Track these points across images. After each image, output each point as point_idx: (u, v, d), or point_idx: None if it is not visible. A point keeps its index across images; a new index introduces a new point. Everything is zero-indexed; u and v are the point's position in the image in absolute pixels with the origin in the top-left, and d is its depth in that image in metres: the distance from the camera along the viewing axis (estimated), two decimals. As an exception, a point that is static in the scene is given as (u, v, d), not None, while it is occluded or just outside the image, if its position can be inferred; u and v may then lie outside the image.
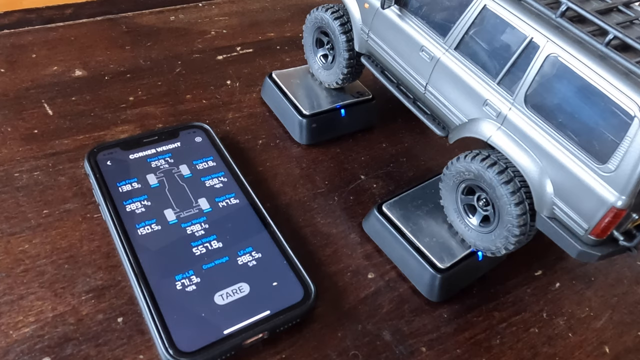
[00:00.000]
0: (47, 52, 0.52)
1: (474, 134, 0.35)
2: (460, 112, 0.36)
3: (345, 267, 0.40)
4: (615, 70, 0.29)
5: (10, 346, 0.32)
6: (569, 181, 0.31)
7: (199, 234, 0.37)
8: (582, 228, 0.31)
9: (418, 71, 0.38)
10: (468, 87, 0.35)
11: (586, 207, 0.30)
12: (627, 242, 0.31)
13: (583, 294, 0.42)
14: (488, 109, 0.34)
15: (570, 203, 0.31)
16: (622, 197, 0.29)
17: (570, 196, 0.31)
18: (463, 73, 0.35)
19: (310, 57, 0.50)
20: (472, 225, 0.37)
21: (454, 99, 0.36)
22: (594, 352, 0.38)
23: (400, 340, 0.36)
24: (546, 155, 0.31)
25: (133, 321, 0.34)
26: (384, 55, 0.41)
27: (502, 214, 0.34)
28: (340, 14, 0.45)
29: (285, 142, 0.48)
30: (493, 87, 0.34)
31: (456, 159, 0.36)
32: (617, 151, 0.28)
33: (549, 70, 0.31)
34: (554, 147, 0.31)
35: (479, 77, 0.34)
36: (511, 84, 0.33)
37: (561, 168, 0.31)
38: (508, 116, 0.33)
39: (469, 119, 0.36)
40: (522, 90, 0.32)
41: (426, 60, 0.37)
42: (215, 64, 0.55)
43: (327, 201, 0.44)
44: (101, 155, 0.40)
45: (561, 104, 0.31)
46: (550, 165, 0.31)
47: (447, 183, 0.38)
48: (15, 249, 0.36)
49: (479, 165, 0.34)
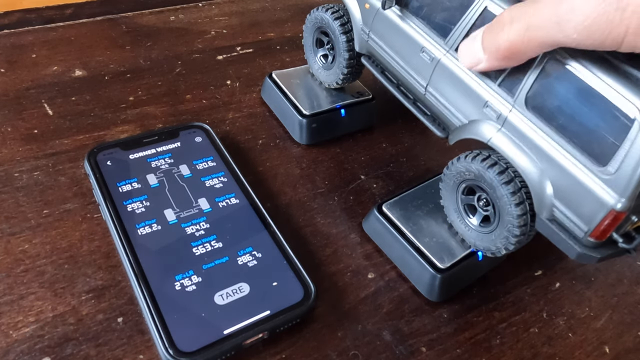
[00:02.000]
0: (47, 52, 0.52)
1: (474, 136, 0.35)
2: (460, 113, 0.36)
3: (345, 267, 0.40)
4: (616, 73, 0.29)
5: (10, 346, 0.32)
6: (568, 183, 0.31)
7: (199, 234, 0.37)
8: (581, 230, 0.31)
9: (418, 72, 0.38)
10: (468, 88, 0.35)
11: (586, 210, 0.30)
12: (626, 245, 0.31)
13: (583, 294, 0.42)
14: (488, 110, 0.34)
15: (570, 205, 0.31)
16: (621, 200, 0.29)
17: (570, 198, 0.31)
18: (463, 74, 0.35)
19: (310, 57, 0.50)
20: (473, 226, 0.37)
21: (454, 101, 0.36)
22: (594, 352, 0.38)
23: (400, 340, 0.36)
24: (546, 158, 0.31)
25: (133, 321, 0.34)
26: (384, 56, 0.41)
27: (503, 214, 0.34)
28: (340, 14, 0.45)
29: (285, 142, 0.48)
30: (493, 89, 0.34)
31: (456, 159, 0.36)
32: (617, 154, 0.28)
33: (550, 73, 0.31)
34: (554, 149, 0.31)
35: (480, 78, 0.34)
36: (512, 86, 0.33)
37: (561, 170, 0.31)
38: (508, 118, 0.33)
39: (469, 120, 0.36)
40: (523, 93, 0.32)
41: (427, 61, 0.37)
42: (215, 64, 0.55)
43: (327, 201, 0.44)
44: (101, 155, 0.40)
45: (561, 107, 0.31)
46: (550, 168, 0.31)
47: (447, 183, 0.38)
48: (15, 249, 0.36)
49: (480, 165, 0.34)
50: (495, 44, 0.30)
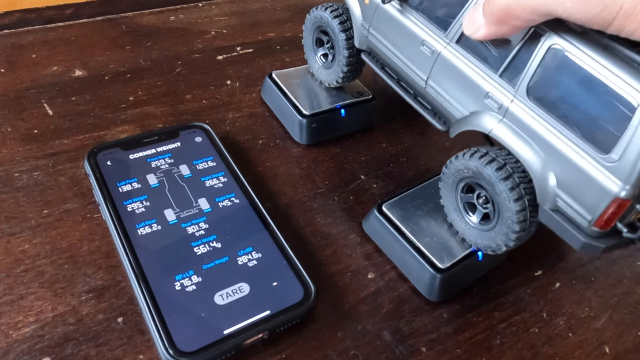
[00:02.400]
0: (47, 52, 0.52)
1: (475, 127, 0.35)
2: (461, 105, 0.36)
3: (345, 267, 0.40)
4: (618, 60, 0.28)
5: (10, 346, 0.32)
6: (572, 172, 0.30)
7: (199, 234, 0.37)
8: (585, 220, 0.31)
9: (419, 66, 0.38)
10: (469, 80, 0.35)
11: (590, 198, 0.30)
12: (630, 234, 0.31)
13: (583, 294, 0.42)
14: (489, 101, 0.34)
15: (573, 194, 0.31)
16: (625, 187, 0.28)
17: (574, 187, 0.31)
18: (464, 66, 0.35)
19: (310, 56, 0.50)
20: (472, 224, 0.37)
21: (455, 93, 0.36)
22: (594, 352, 0.38)
23: (400, 340, 0.36)
24: (548, 147, 0.31)
25: (133, 321, 0.34)
26: (384, 51, 0.41)
27: (502, 210, 0.34)
28: (339, 12, 0.45)
29: (285, 142, 0.48)
30: (494, 80, 0.34)
31: (455, 157, 0.36)
32: (620, 141, 0.28)
33: (551, 61, 0.31)
34: (557, 138, 0.31)
35: (480, 70, 0.34)
36: (512, 76, 0.33)
37: (564, 159, 0.31)
38: (510, 108, 0.33)
39: (470, 112, 0.36)
40: (524, 82, 0.32)
41: (427, 54, 0.37)
42: (215, 64, 0.55)
43: (327, 201, 0.44)
44: (101, 155, 0.40)
45: (563, 95, 0.31)
46: (552, 157, 0.31)
47: (446, 182, 0.38)
48: (15, 249, 0.36)
49: (478, 162, 0.34)
50: (491, 7, 0.31)
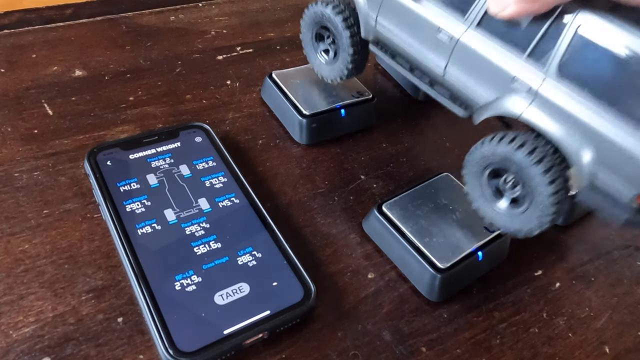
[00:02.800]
0: (47, 52, 0.52)
1: (503, 112, 0.34)
2: (485, 91, 0.35)
3: (345, 267, 0.40)
4: None
5: (10, 346, 0.32)
6: (610, 149, 0.30)
7: (199, 234, 0.37)
8: (626, 195, 0.30)
9: (436, 53, 0.37)
10: (493, 65, 0.34)
11: (631, 173, 0.30)
12: None
13: (583, 294, 0.42)
14: (517, 85, 0.33)
15: (613, 170, 0.30)
16: None
17: (613, 163, 0.30)
18: (487, 51, 0.34)
19: (311, 53, 0.48)
20: (502, 209, 0.36)
21: (478, 78, 0.35)
22: (594, 352, 0.38)
23: (400, 340, 0.36)
24: (584, 126, 0.31)
25: (133, 321, 0.34)
26: (395, 41, 0.40)
27: (535, 194, 0.33)
28: (341, 8, 0.43)
29: (285, 142, 0.48)
30: (522, 61, 0.33)
31: (480, 143, 0.35)
32: None
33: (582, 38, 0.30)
34: (593, 115, 0.30)
35: (505, 53, 0.33)
36: (541, 55, 0.32)
37: (601, 136, 0.30)
38: (540, 90, 0.32)
39: (495, 97, 0.34)
40: (555, 62, 0.31)
41: (445, 41, 0.36)
42: (215, 64, 0.55)
43: (327, 201, 0.44)
44: (101, 155, 0.40)
45: (596, 71, 0.30)
46: (589, 135, 0.31)
47: (470, 170, 0.37)
48: (15, 249, 0.36)
49: (507, 147, 0.33)
50: None
